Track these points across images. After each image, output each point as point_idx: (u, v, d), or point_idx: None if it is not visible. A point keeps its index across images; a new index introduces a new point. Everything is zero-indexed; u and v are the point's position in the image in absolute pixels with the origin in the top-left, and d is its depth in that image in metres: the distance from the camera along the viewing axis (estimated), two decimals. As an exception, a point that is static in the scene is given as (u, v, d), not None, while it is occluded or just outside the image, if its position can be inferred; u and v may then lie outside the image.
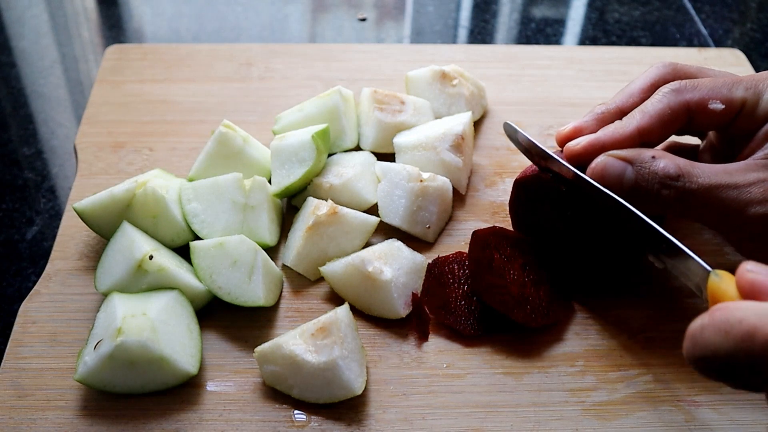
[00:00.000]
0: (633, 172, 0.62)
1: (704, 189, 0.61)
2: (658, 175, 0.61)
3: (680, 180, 0.61)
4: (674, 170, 0.61)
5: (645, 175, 0.62)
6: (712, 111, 0.64)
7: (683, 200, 0.61)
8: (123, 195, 0.73)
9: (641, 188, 0.62)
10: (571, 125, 0.70)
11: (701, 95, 0.65)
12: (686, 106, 0.65)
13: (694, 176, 0.61)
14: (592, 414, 0.65)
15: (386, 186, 0.77)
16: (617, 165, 0.63)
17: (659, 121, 0.65)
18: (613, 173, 0.63)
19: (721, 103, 0.64)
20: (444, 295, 0.70)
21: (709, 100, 0.64)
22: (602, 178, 0.63)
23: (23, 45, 1.11)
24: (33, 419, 0.63)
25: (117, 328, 0.63)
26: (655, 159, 0.62)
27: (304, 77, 0.96)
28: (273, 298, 0.71)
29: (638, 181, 0.62)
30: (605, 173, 0.63)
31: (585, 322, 0.71)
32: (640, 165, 0.62)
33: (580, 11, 1.24)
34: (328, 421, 0.64)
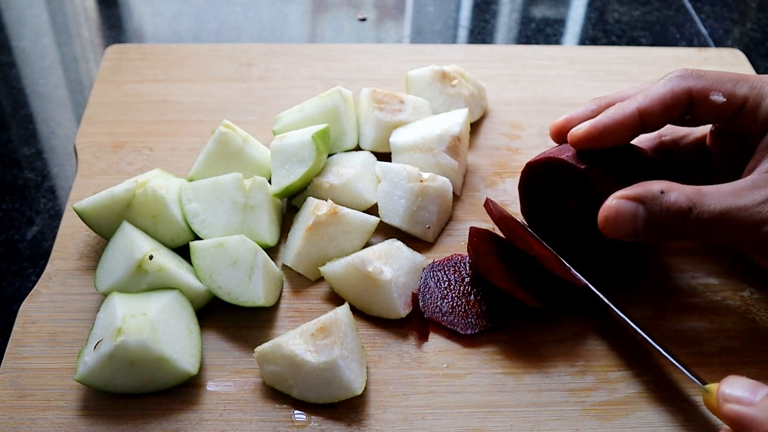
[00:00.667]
0: (645, 212, 0.61)
1: (716, 216, 0.60)
2: (671, 210, 0.61)
3: (692, 212, 0.60)
4: (685, 203, 0.61)
5: (657, 213, 0.61)
6: (713, 102, 0.64)
7: (698, 229, 0.61)
8: (123, 195, 0.73)
9: (656, 226, 0.61)
10: (564, 116, 0.70)
11: (704, 84, 0.65)
12: (688, 92, 0.65)
13: (705, 205, 0.60)
14: (592, 414, 0.65)
15: (386, 186, 0.77)
16: (629, 207, 0.62)
17: (660, 104, 0.65)
18: (627, 216, 0.62)
19: (723, 96, 0.64)
20: (441, 297, 0.70)
21: (711, 91, 0.65)
22: (616, 223, 0.62)
23: (23, 45, 1.11)
24: (33, 419, 0.63)
25: (117, 328, 0.63)
26: (664, 194, 0.61)
27: (304, 77, 0.96)
28: (273, 298, 0.71)
29: (651, 219, 0.61)
30: (619, 218, 0.62)
31: (585, 322, 0.71)
32: (651, 203, 0.61)
33: (580, 11, 1.24)
34: (328, 421, 0.64)
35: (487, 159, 0.87)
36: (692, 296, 0.73)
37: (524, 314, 0.71)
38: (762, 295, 0.73)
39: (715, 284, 0.74)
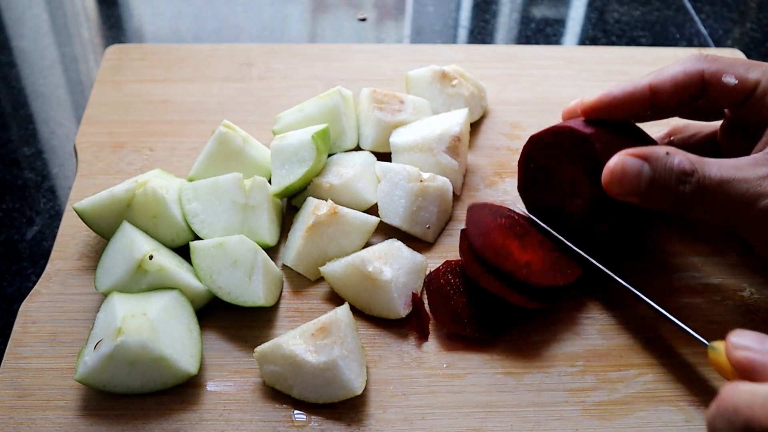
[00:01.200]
0: (650, 169, 0.62)
1: (716, 183, 0.61)
2: (674, 171, 0.62)
3: (695, 175, 0.61)
4: (689, 166, 0.62)
5: (661, 172, 0.62)
6: (724, 84, 0.66)
7: (698, 195, 0.62)
8: (123, 195, 0.73)
9: (658, 184, 0.62)
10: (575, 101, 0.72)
11: (717, 67, 0.66)
12: (701, 74, 0.66)
13: (706, 171, 0.62)
14: (592, 414, 0.65)
15: (386, 186, 0.77)
16: (635, 163, 0.63)
17: (672, 82, 0.66)
18: (632, 172, 0.63)
19: (735, 78, 0.66)
20: (450, 307, 0.70)
21: (724, 73, 0.66)
22: (621, 179, 0.63)
23: (23, 45, 1.11)
24: (33, 419, 0.63)
25: (117, 328, 0.63)
26: (669, 155, 0.62)
27: (304, 77, 0.96)
28: (273, 298, 0.71)
29: (655, 177, 0.62)
30: (624, 173, 0.63)
31: (585, 322, 0.71)
32: (655, 161, 0.62)
33: (580, 11, 1.24)
34: (328, 421, 0.64)
35: (487, 159, 0.87)
36: (692, 296, 0.73)
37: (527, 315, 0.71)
38: (762, 295, 0.74)
39: (715, 284, 0.74)
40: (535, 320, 0.71)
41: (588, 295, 0.73)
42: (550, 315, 0.71)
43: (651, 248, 0.77)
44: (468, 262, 0.69)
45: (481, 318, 0.69)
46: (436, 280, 0.71)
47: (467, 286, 0.71)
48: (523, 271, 0.67)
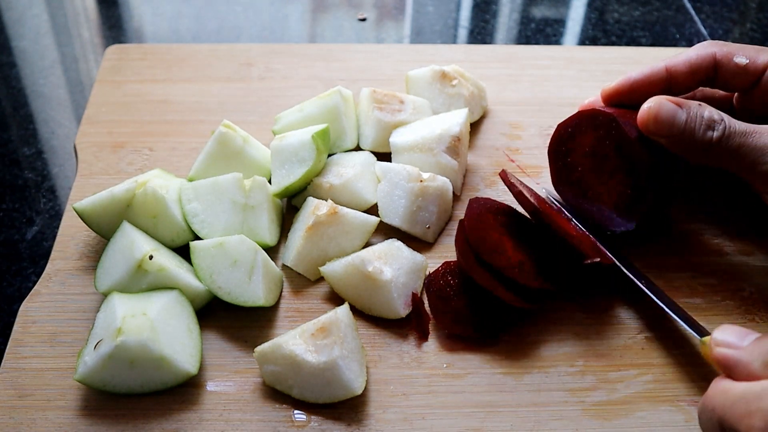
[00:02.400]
0: (684, 114, 0.68)
1: (740, 132, 0.67)
2: (705, 118, 0.67)
3: (722, 123, 0.67)
4: (717, 116, 0.68)
5: (693, 117, 0.68)
6: (736, 65, 0.71)
7: (723, 142, 0.67)
8: (123, 195, 0.73)
9: (690, 129, 0.67)
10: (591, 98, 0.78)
11: (729, 49, 0.72)
12: (713, 56, 0.72)
13: (732, 122, 0.67)
14: (592, 414, 0.65)
15: (386, 186, 0.77)
16: (670, 107, 0.68)
17: (687, 65, 0.72)
18: (667, 113, 0.68)
19: (746, 58, 0.71)
20: (451, 308, 0.70)
21: (735, 55, 0.71)
22: (656, 118, 0.68)
23: (23, 45, 1.11)
24: (33, 419, 0.63)
25: (117, 328, 0.63)
26: (701, 106, 0.68)
27: (304, 77, 0.96)
28: (273, 298, 0.71)
29: (688, 122, 0.67)
30: (659, 113, 0.68)
31: (585, 322, 0.71)
32: (689, 109, 0.68)
33: (580, 11, 1.24)
34: (328, 421, 0.64)
35: (487, 159, 0.87)
36: (692, 296, 0.73)
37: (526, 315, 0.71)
38: (762, 295, 0.74)
39: (715, 284, 0.74)
40: (535, 320, 0.71)
41: (588, 295, 0.73)
42: (550, 315, 0.71)
43: (651, 249, 0.77)
44: (462, 253, 0.69)
45: (481, 318, 0.69)
46: (435, 281, 0.71)
47: (466, 287, 0.70)
48: (515, 271, 0.68)
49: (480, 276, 0.68)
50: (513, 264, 0.68)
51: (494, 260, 0.68)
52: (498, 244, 0.69)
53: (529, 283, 0.67)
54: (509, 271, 0.67)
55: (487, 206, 0.73)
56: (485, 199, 0.74)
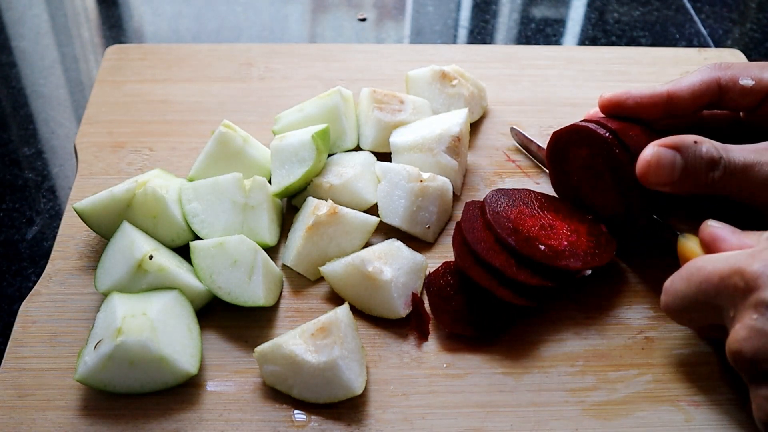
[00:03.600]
0: (682, 159, 0.66)
1: (741, 167, 0.65)
2: (704, 159, 0.66)
3: (722, 161, 0.66)
4: (716, 153, 0.66)
5: (692, 160, 0.66)
6: (742, 87, 0.70)
7: (725, 179, 0.66)
8: (123, 195, 0.73)
9: (690, 172, 0.66)
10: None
11: (732, 73, 0.70)
12: (717, 81, 0.70)
13: (732, 157, 0.66)
14: (592, 414, 0.65)
15: (386, 186, 0.77)
16: (668, 154, 0.66)
17: (689, 91, 0.70)
18: (666, 162, 0.66)
19: (752, 79, 0.70)
20: (451, 307, 0.70)
21: (740, 77, 0.70)
22: (657, 168, 0.66)
23: (23, 45, 1.11)
24: (33, 419, 0.63)
25: (117, 328, 0.63)
26: (697, 144, 0.66)
27: (304, 77, 0.96)
28: (273, 298, 0.71)
29: (687, 166, 0.66)
30: (660, 163, 0.66)
31: (585, 322, 0.71)
32: (686, 151, 0.66)
33: (580, 11, 1.24)
34: (328, 421, 0.64)
35: (487, 159, 0.87)
36: (692, 296, 0.73)
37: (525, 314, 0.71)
38: (762, 295, 0.73)
39: (715, 284, 0.74)
40: (535, 320, 0.71)
41: (588, 295, 0.73)
42: (550, 315, 0.71)
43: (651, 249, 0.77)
44: (459, 254, 0.69)
45: (481, 317, 0.69)
46: (435, 281, 0.71)
47: (465, 286, 0.70)
48: (513, 269, 0.68)
49: (478, 275, 0.68)
50: (511, 262, 0.68)
51: (492, 259, 0.68)
52: (495, 243, 0.70)
53: (527, 281, 0.67)
54: (508, 270, 0.68)
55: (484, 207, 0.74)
56: (481, 201, 0.74)
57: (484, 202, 0.73)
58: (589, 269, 0.70)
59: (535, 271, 0.68)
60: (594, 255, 0.70)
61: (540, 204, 0.75)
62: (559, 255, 0.69)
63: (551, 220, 0.73)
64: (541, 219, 0.73)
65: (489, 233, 0.71)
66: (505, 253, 0.69)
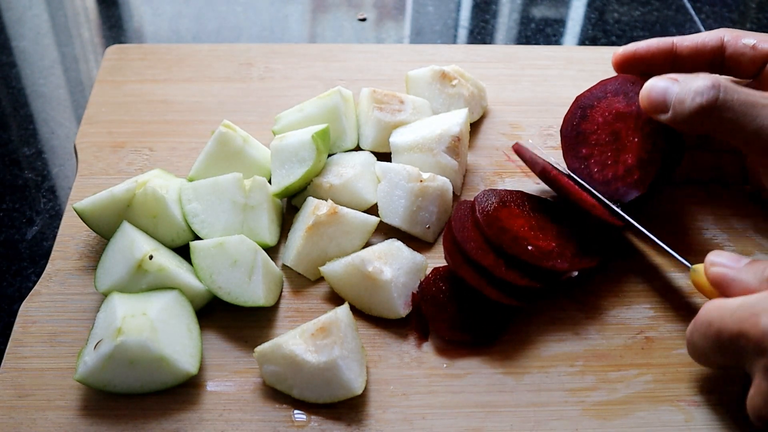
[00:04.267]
0: (678, 86, 0.69)
1: (740, 103, 0.66)
2: (695, 86, 0.67)
3: (715, 89, 0.66)
4: (711, 82, 0.67)
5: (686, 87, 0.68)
6: (743, 48, 0.73)
7: (721, 112, 0.66)
8: (123, 195, 0.73)
9: (680, 100, 0.68)
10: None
11: (736, 34, 0.74)
12: (720, 39, 0.74)
13: (731, 90, 0.67)
14: (592, 414, 0.65)
15: (386, 186, 0.77)
16: (666, 82, 0.70)
17: (693, 44, 0.74)
18: (660, 88, 0.70)
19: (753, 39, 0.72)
20: (446, 314, 0.70)
21: (742, 37, 0.73)
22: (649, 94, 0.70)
23: (23, 45, 1.11)
24: (33, 419, 0.63)
25: (117, 328, 0.63)
26: (696, 76, 0.69)
27: (304, 77, 0.96)
28: (273, 298, 0.71)
29: (681, 92, 0.68)
30: (652, 90, 0.70)
31: (585, 322, 0.71)
32: (683, 80, 0.69)
33: (580, 11, 1.24)
34: (328, 421, 0.64)
35: (487, 159, 0.87)
36: (692, 296, 0.73)
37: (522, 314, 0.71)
38: (762, 295, 0.73)
39: (715, 284, 0.74)
40: (535, 320, 0.71)
41: (588, 295, 0.73)
42: (550, 315, 0.71)
43: (651, 249, 0.77)
44: (450, 253, 0.70)
45: (477, 322, 0.69)
46: (428, 288, 0.71)
47: (457, 291, 0.70)
48: (501, 269, 0.68)
49: (467, 274, 0.68)
50: (500, 262, 0.68)
51: (481, 258, 0.68)
52: (485, 243, 0.70)
53: (515, 281, 0.67)
54: (496, 270, 0.68)
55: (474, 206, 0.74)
56: (472, 201, 0.74)
57: (475, 201, 0.73)
58: (576, 271, 0.70)
59: (524, 271, 0.68)
60: (582, 257, 0.70)
61: (532, 205, 0.75)
62: (547, 256, 0.69)
63: (542, 221, 0.73)
64: (531, 220, 0.73)
65: (479, 232, 0.71)
66: (494, 253, 0.69)
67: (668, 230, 0.79)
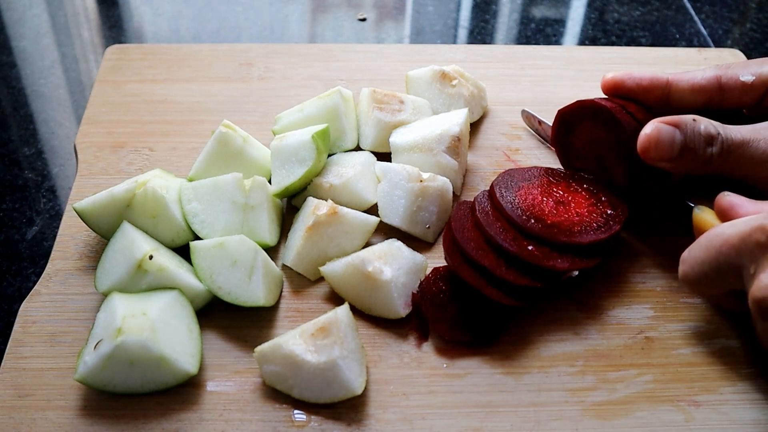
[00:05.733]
0: (681, 135, 0.68)
1: (737, 144, 0.68)
2: (702, 135, 0.68)
3: (719, 137, 0.68)
4: (714, 129, 0.69)
5: (691, 137, 0.68)
6: (743, 83, 0.72)
7: (723, 155, 0.68)
8: (123, 195, 0.73)
9: (689, 148, 0.68)
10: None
11: (733, 71, 0.73)
12: (718, 79, 0.73)
13: (729, 134, 0.69)
14: (592, 414, 0.65)
15: (386, 186, 0.77)
16: (668, 130, 0.68)
17: (690, 81, 0.74)
18: (666, 137, 0.68)
19: (752, 75, 0.72)
20: (447, 315, 0.70)
21: (740, 75, 0.73)
22: (657, 143, 0.69)
23: (23, 45, 1.11)
24: (33, 419, 0.63)
25: (117, 328, 0.63)
26: (696, 122, 0.69)
27: (304, 77, 0.96)
28: (273, 298, 0.71)
29: (686, 141, 0.68)
30: (660, 138, 0.68)
31: (585, 322, 0.71)
32: (685, 128, 0.69)
33: (580, 11, 1.24)
34: (328, 421, 0.64)
35: (487, 159, 0.87)
36: (692, 296, 0.73)
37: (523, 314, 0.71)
38: (762, 295, 0.73)
39: (715, 284, 0.74)
40: (535, 320, 0.71)
41: (588, 295, 0.73)
42: (550, 315, 0.71)
43: (651, 249, 0.77)
44: (449, 253, 0.70)
45: (478, 322, 0.69)
46: (428, 288, 0.71)
47: (457, 291, 0.70)
48: (501, 269, 0.68)
49: (467, 274, 0.68)
50: (499, 262, 0.68)
51: (480, 258, 0.68)
52: (485, 243, 0.70)
53: (515, 281, 0.67)
54: (496, 270, 0.68)
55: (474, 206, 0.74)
56: (472, 202, 0.74)
57: (474, 201, 0.73)
58: (576, 271, 0.70)
59: (524, 271, 0.68)
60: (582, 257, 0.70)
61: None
62: (547, 256, 0.69)
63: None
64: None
65: (478, 233, 0.71)
66: (494, 253, 0.69)
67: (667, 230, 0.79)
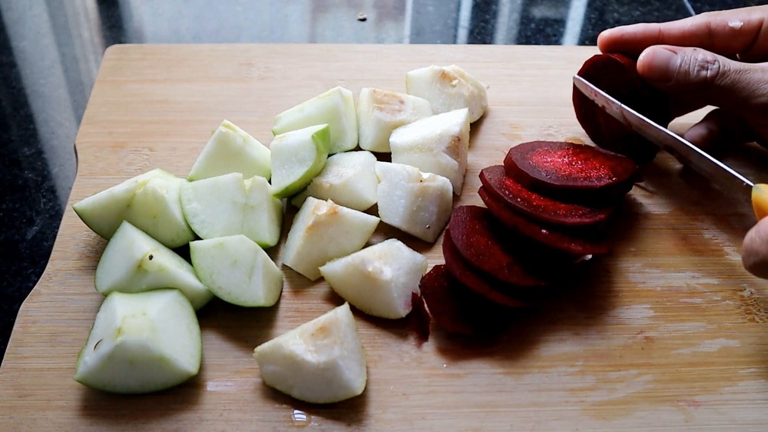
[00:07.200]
0: (678, 58, 0.74)
1: (735, 71, 0.72)
2: (698, 59, 0.73)
3: (716, 63, 0.72)
4: (711, 56, 0.73)
5: (688, 60, 0.73)
6: (731, 29, 0.76)
7: (718, 81, 0.72)
8: (123, 195, 0.73)
9: (684, 71, 0.73)
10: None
11: (722, 17, 0.77)
12: (707, 24, 0.77)
13: (727, 62, 0.73)
14: (592, 414, 0.65)
15: (386, 186, 0.77)
16: (664, 53, 0.74)
17: (680, 28, 0.78)
18: (662, 58, 0.74)
19: (740, 21, 0.76)
20: (449, 307, 0.70)
21: (729, 21, 0.76)
22: (651, 65, 0.74)
23: (23, 45, 1.11)
24: (33, 419, 0.63)
25: (117, 328, 0.63)
26: (695, 50, 0.74)
27: (304, 77, 0.96)
28: (273, 298, 0.71)
29: (682, 65, 0.73)
30: (654, 58, 0.74)
31: (585, 322, 0.71)
32: (683, 53, 0.74)
33: (580, 11, 1.24)
34: (328, 421, 0.64)
35: (487, 159, 0.87)
36: (692, 296, 0.73)
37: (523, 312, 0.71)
38: (762, 295, 0.74)
39: (715, 284, 0.74)
40: (535, 320, 0.71)
41: (588, 295, 0.73)
42: (550, 315, 0.71)
43: (652, 247, 0.77)
44: (451, 260, 0.69)
45: (480, 316, 0.69)
46: (429, 284, 0.71)
47: (458, 290, 0.70)
48: (505, 272, 0.68)
49: (471, 282, 0.68)
50: (502, 266, 0.68)
51: (483, 264, 0.68)
52: (486, 248, 0.70)
53: (520, 283, 0.67)
54: (499, 273, 0.68)
55: (472, 213, 0.74)
56: (469, 207, 0.75)
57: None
58: (589, 254, 0.68)
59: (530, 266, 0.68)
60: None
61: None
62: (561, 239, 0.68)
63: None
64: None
65: (478, 238, 0.71)
66: (496, 257, 0.69)
67: (668, 231, 0.79)
